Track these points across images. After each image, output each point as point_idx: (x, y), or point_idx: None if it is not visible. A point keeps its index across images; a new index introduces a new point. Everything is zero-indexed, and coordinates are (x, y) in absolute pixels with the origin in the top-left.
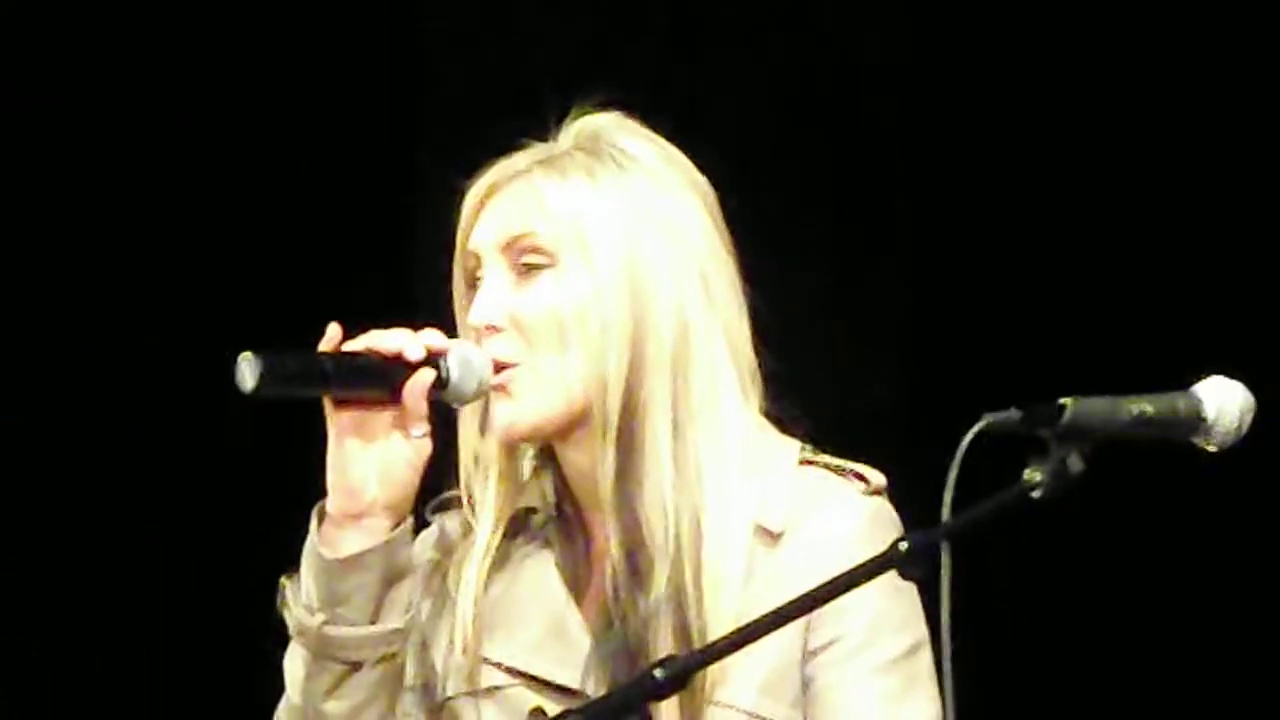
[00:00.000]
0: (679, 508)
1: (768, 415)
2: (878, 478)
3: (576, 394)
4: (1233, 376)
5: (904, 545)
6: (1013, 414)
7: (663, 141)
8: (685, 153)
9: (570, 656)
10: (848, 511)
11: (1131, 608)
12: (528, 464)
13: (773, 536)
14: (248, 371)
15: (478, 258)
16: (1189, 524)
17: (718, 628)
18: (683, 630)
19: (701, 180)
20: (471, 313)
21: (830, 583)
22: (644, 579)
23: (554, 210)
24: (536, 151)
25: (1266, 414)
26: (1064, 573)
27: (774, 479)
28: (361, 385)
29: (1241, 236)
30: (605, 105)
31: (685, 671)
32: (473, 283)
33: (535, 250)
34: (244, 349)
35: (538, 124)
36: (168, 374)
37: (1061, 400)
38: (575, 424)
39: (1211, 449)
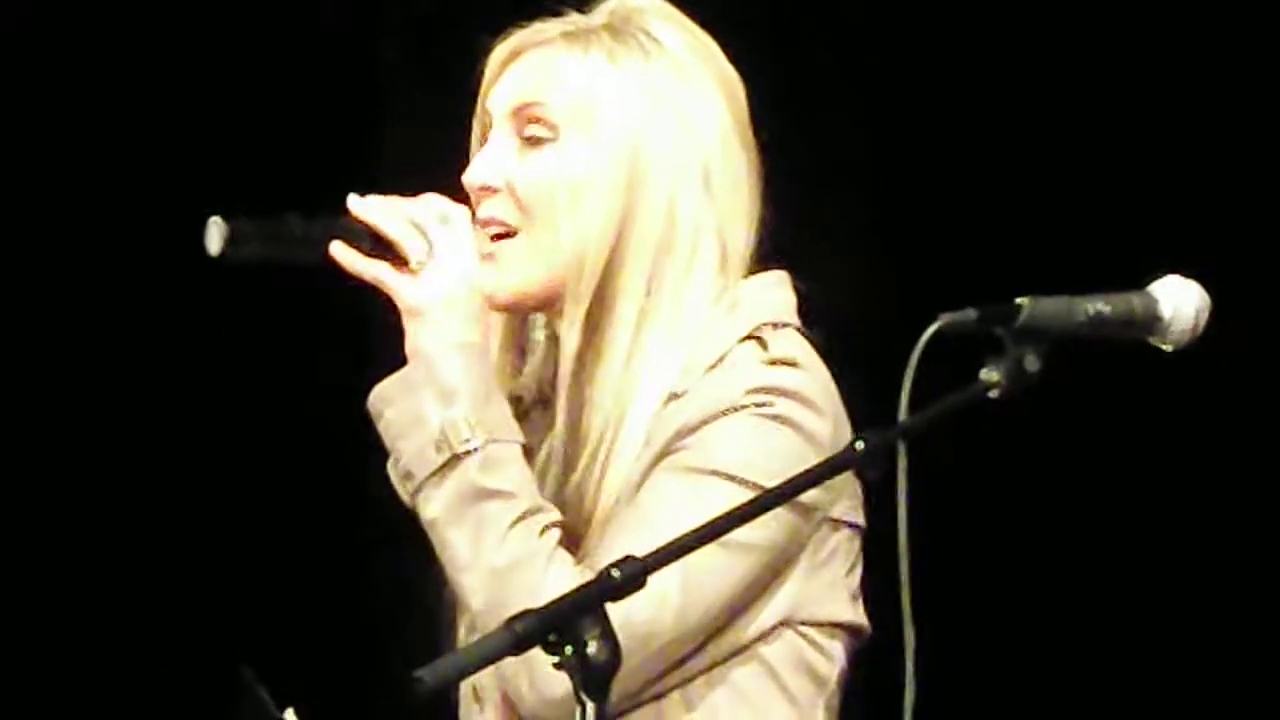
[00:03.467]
0: (620, 395)
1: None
2: (781, 350)
3: (557, 270)
4: (1188, 276)
5: (860, 444)
6: (969, 314)
7: (698, 30)
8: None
9: None
10: (732, 375)
11: (1087, 508)
12: (540, 335)
13: (676, 397)
14: (215, 234)
15: (489, 115)
16: (1146, 425)
17: (607, 501)
18: (579, 504)
19: (731, 75)
20: (469, 171)
21: (786, 482)
22: (572, 462)
23: (567, 84)
24: (566, 22)
25: (1222, 313)
26: (1021, 471)
27: (705, 351)
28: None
29: (1195, 135)
30: None
31: (643, 572)
32: (484, 139)
33: (541, 121)
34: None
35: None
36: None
37: (1018, 300)
38: (551, 300)
39: (1167, 348)
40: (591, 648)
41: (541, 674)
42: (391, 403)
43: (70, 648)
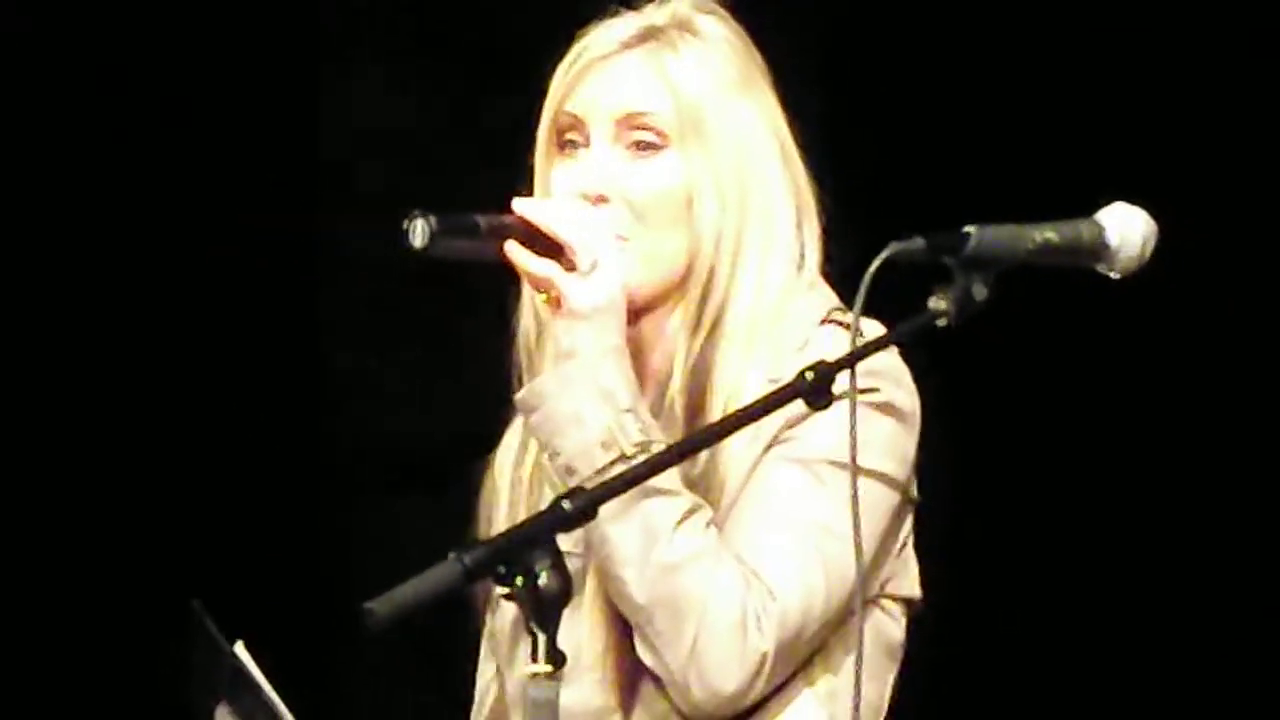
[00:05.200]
0: (735, 383)
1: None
2: (874, 331)
3: (668, 275)
4: (1135, 203)
5: (809, 374)
6: (917, 242)
7: (730, 18)
8: None
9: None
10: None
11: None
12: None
13: (773, 382)
14: (420, 229)
15: (577, 120)
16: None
17: (731, 491)
18: (705, 496)
19: (757, 53)
20: (580, 179)
21: (745, 408)
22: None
23: (674, 91)
24: (635, 22)
25: (1169, 240)
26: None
27: (792, 336)
28: (496, 243)
29: (1139, 63)
30: None
31: (592, 504)
32: (562, 144)
33: (653, 130)
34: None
35: None
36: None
37: (966, 228)
38: (659, 301)
39: (1115, 275)
40: (543, 579)
41: (712, 669)
42: (549, 399)
43: (20, 583)
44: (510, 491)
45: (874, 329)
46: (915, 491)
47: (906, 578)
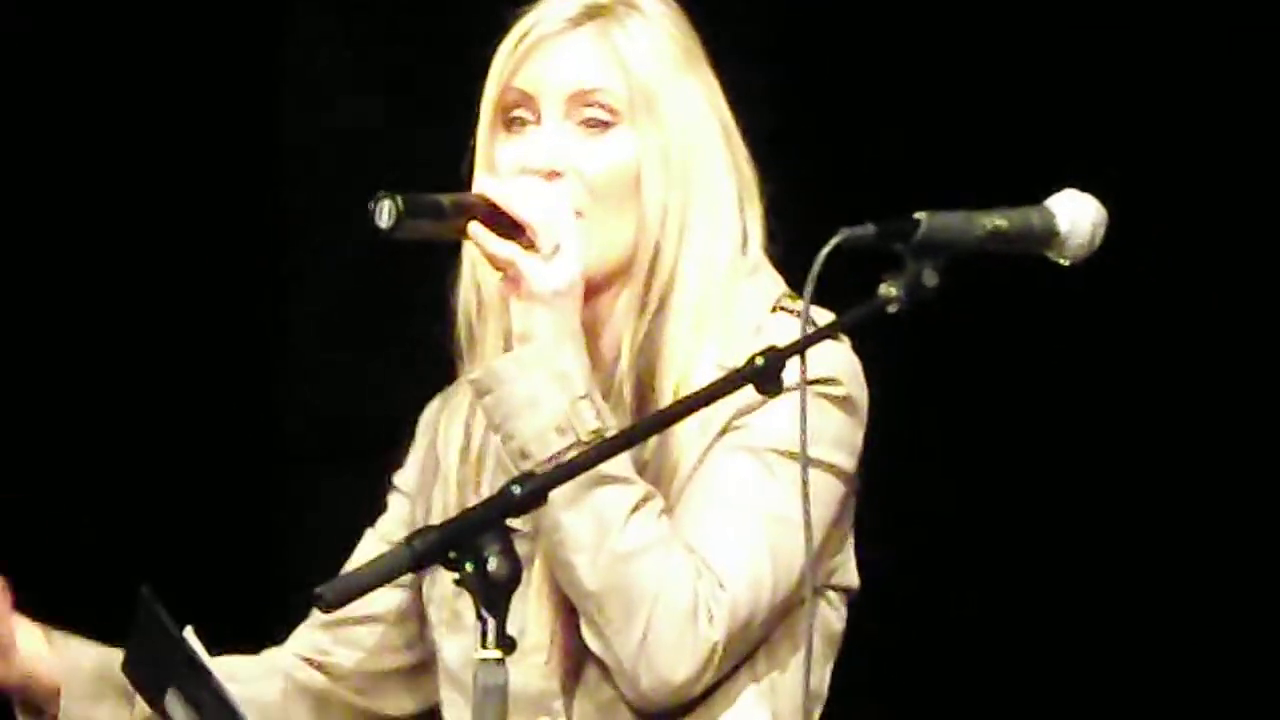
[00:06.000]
0: (685, 368)
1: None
2: (825, 320)
3: (623, 252)
4: (1085, 190)
5: (760, 360)
6: (868, 229)
7: None
8: None
9: None
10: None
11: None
12: None
13: (724, 369)
14: (386, 210)
15: (525, 97)
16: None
17: (681, 478)
18: (654, 483)
19: (694, 31)
20: (531, 155)
21: (696, 393)
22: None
23: (630, 68)
24: (574, 2)
25: (1120, 226)
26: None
27: (744, 320)
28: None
29: (1090, 49)
30: None
31: (542, 489)
32: (509, 121)
33: (605, 107)
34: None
35: None
36: None
37: (916, 215)
38: (608, 283)
39: (1065, 262)
40: (492, 564)
41: (662, 659)
42: (505, 382)
43: None
44: (458, 473)
45: (825, 318)
46: (857, 482)
47: (847, 567)
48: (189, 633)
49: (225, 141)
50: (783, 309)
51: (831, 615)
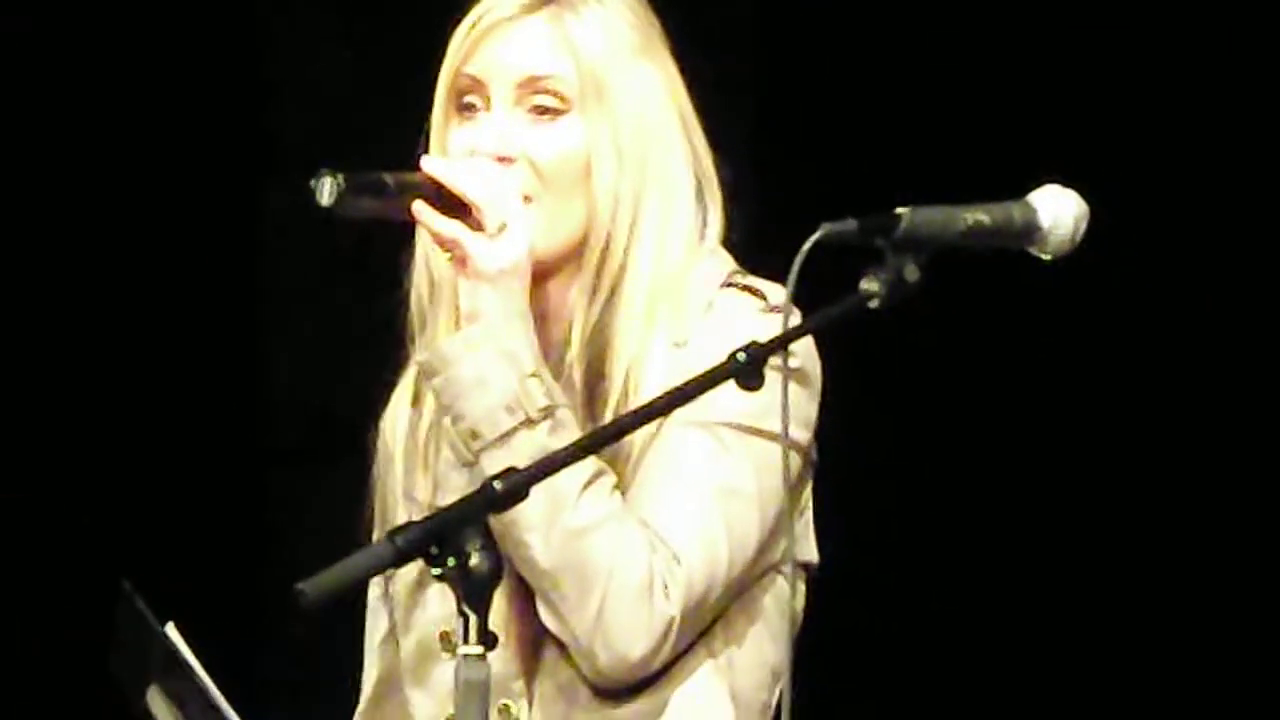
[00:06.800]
0: (638, 346)
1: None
2: (776, 297)
3: (574, 237)
4: (1068, 184)
5: (741, 355)
6: (849, 224)
7: None
8: None
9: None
10: (739, 326)
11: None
12: None
13: (679, 345)
14: (327, 186)
15: (476, 83)
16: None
17: (634, 456)
18: (610, 460)
19: (655, 19)
20: (481, 140)
21: (677, 388)
22: (597, 417)
23: (581, 56)
24: None
25: (1101, 222)
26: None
27: (695, 299)
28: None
29: (1072, 44)
30: None
31: (525, 483)
32: (461, 107)
33: (556, 94)
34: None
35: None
36: None
37: (897, 210)
38: (558, 267)
39: (1047, 258)
40: (474, 559)
41: (618, 635)
42: (452, 363)
43: None
44: (405, 458)
45: (776, 293)
46: (815, 455)
47: (806, 543)
48: (170, 628)
49: (213, 140)
50: (731, 285)
51: (788, 593)
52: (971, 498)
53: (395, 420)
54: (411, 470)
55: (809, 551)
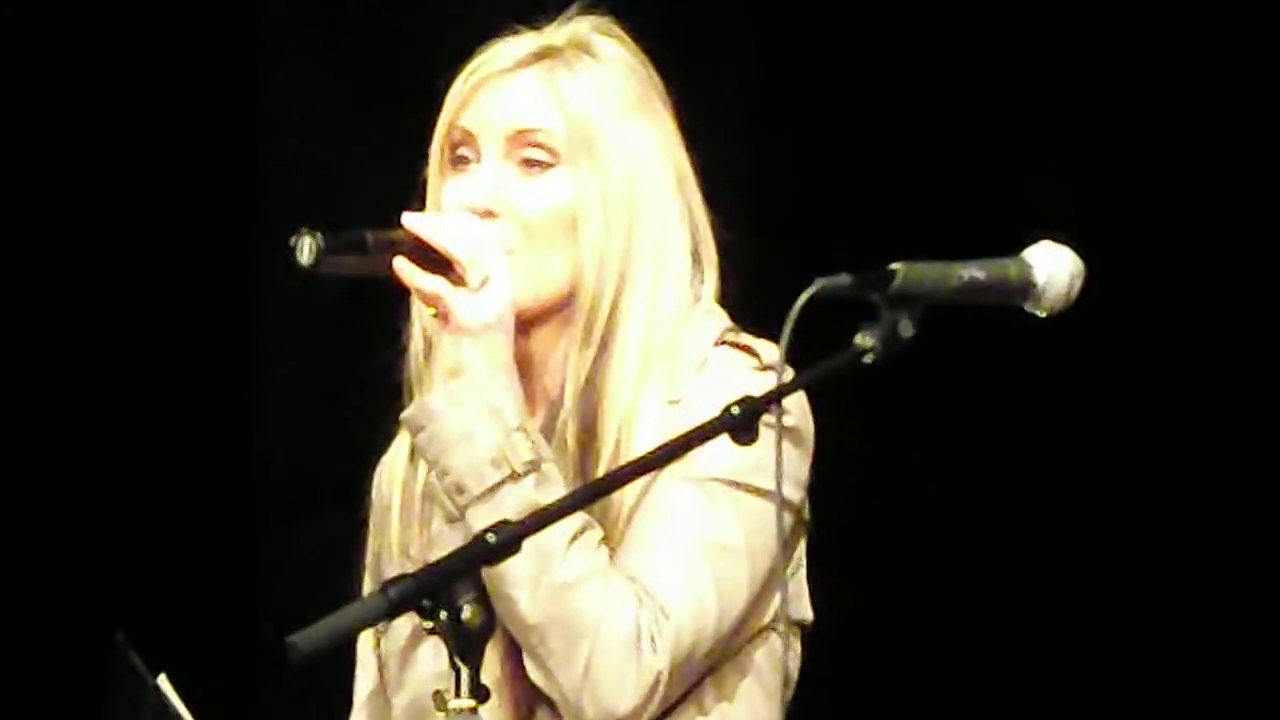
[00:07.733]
0: (631, 402)
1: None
2: (770, 355)
3: (557, 291)
4: (1062, 242)
5: (735, 409)
6: (843, 279)
7: (630, 42)
8: None
9: None
10: (733, 383)
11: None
12: None
13: (673, 403)
14: (307, 247)
15: (469, 136)
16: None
17: (626, 510)
18: (600, 515)
19: (660, 82)
20: (468, 192)
21: (669, 443)
22: (587, 473)
23: (565, 110)
24: (533, 41)
25: (1096, 280)
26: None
27: (689, 356)
28: (386, 258)
29: (1068, 101)
30: (591, 7)
31: (517, 537)
32: (455, 159)
33: (542, 146)
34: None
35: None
36: None
37: (892, 265)
38: (544, 317)
39: (1041, 314)
40: (466, 612)
41: (606, 689)
42: (437, 417)
43: None
44: (402, 512)
45: (770, 351)
46: (808, 514)
47: (800, 601)
48: (162, 680)
49: (209, 190)
50: (725, 343)
51: (782, 652)
52: (967, 556)
53: (392, 473)
54: (408, 526)
55: (803, 610)
